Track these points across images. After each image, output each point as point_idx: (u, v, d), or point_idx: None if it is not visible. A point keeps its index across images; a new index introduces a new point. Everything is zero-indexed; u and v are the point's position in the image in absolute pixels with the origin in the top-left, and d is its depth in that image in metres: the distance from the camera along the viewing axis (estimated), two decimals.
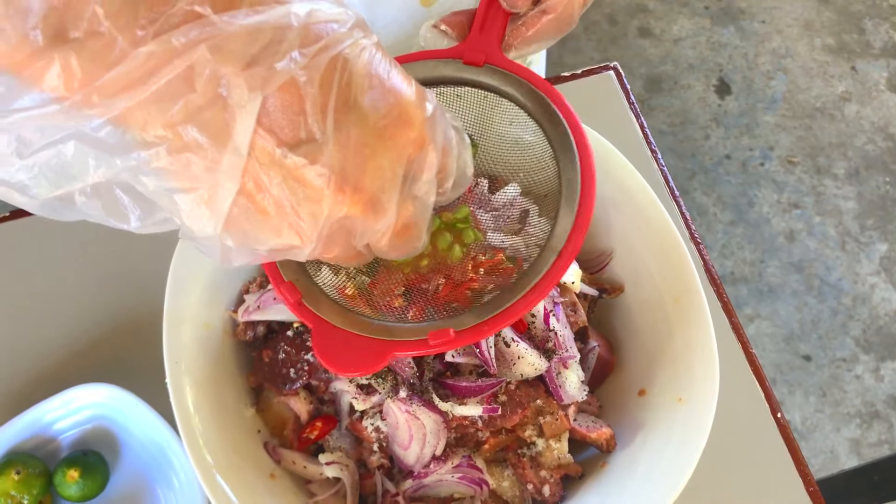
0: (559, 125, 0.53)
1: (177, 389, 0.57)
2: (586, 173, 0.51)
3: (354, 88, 0.33)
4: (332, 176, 0.33)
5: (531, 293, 0.48)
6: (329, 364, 0.46)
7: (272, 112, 0.32)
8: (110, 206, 0.34)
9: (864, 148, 2.22)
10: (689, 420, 0.58)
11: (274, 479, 0.59)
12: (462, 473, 0.58)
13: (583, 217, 0.50)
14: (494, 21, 0.56)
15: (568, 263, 0.49)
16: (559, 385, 0.58)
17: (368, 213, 0.35)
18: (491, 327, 0.47)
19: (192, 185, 0.33)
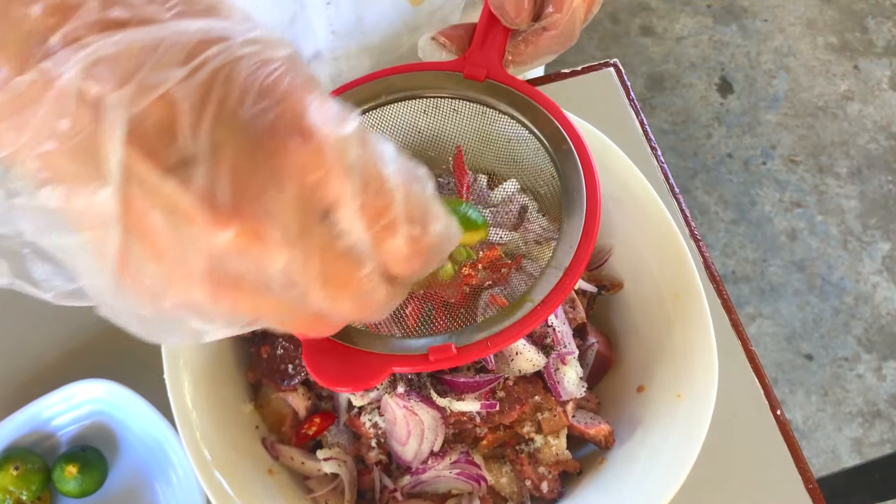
0: (563, 144, 0.53)
1: (175, 385, 0.57)
2: (591, 192, 0.51)
3: (236, 101, 0.29)
4: (204, 200, 0.28)
5: (536, 311, 0.47)
6: (321, 379, 0.44)
7: (147, 132, 0.28)
8: (19, 269, 0.31)
9: (867, 147, 2.22)
10: (688, 417, 0.58)
11: (272, 475, 0.59)
12: (460, 469, 0.58)
13: (588, 236, 0.49)
14: (495, 36, 0.55)
15: (574, 282, 0.48)
16: (557, 381, 0.58)
17: (254, 244, 0.29)
18: (495, 344, 0.47)
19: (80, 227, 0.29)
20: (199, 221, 0.28)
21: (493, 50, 0.55)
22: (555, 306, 0.47)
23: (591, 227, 0.50)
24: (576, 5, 0.53)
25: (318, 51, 0.79)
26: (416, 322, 0.52)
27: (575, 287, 0.64)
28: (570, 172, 0.52)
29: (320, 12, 0.74)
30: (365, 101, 0.56)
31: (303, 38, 0.77)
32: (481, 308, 0.55)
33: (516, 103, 0.55)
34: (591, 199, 0.51)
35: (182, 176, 0.28)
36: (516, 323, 0.47)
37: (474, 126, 0.58)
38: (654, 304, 0.64)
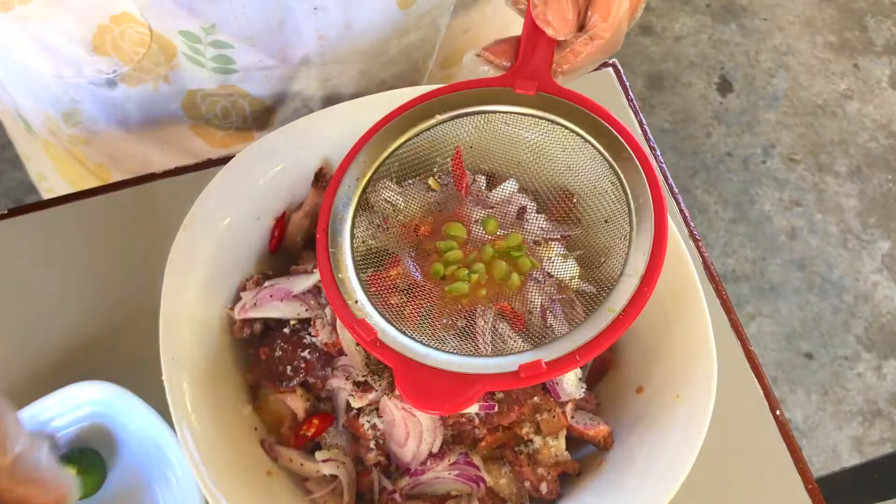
0: (622, 151, 0.54)
1: (173, 387, 0.57)
2: (657, 197, 0.52)
3: None
4: None
5: (620, 320, 0.49)
6: (417, 403, 0.46)
7: None
8: None
9: (866, 145, 2.22)
10: (687, 418, 0.57)
11: (271, 477, 0.59)
12: (459, 471, 0.58)
13: (660, 241, 0.50)
14: (541, 48, 0.55)
15: (653, 287, 0.49)
16: (556, 382, 0.58)
17: None
18: (583, 357, 0.47)
19: None
20: None
21: (541, 62, 0.55)
22: (636, 313, 0.49)
23: (662, 232, 0.51)
24: (622, 14, 0.53)
25: (306, 55, 0.79)
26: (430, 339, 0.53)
27: (574, 288, 0.64)
28: (633, 179, 0.53)
29: (308, 17, 0.74)
30: (420, 119, 0.57)
31: (291, 44, 0.77)
32: (481, 310, 0.55)
33: (570, 113, 0.55)
34: (657, 204, 0.52)
35: None
36: (601, 333, 0.48)
37: (527, 138, 0.59)
38: (652, 304, 0.63)
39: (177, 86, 0.81)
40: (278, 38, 0.76)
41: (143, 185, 0.80)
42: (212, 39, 0.74)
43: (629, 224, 0.52)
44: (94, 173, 0.92)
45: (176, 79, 0.80)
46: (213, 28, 0.73)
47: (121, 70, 0.77)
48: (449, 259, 0.56)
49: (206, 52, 0.76)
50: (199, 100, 0.83)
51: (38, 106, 0.86)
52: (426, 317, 0.54)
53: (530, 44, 0.55)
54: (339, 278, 0.53)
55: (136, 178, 0.80)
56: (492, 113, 0.57)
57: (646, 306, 0.64)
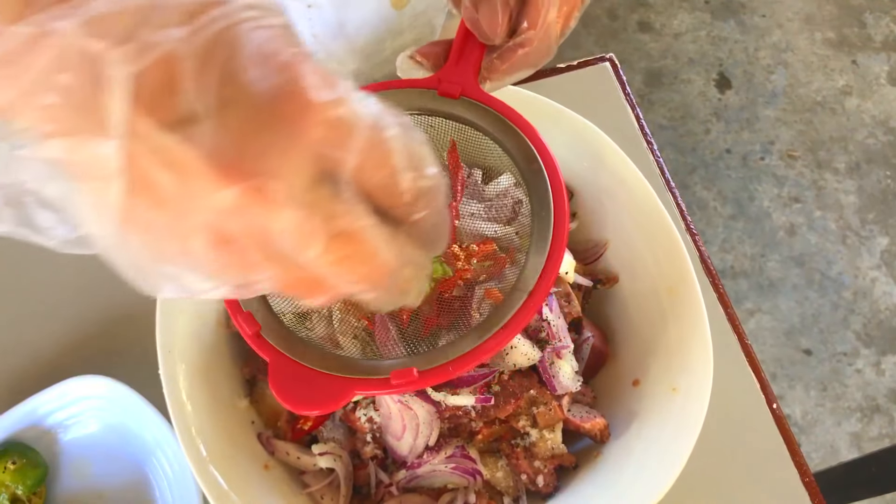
0: (534, 162, 0.52)
1: (170, 381, 0.57)
2: (559, 214, 0.50)
3: (242, 63, 0.29)
4: (211, 156, 0.29)
5: (500, 333, 0.47)
6: (285, 401, 0.45)
7: (151, 89, 0.28)
8: (24, 218, 0.32)
9: (865, 142, 2.22)
10: (684, 410, 0.58)
11: (268, 470, 0.59)
12: (455, 464, 0.58)
13: (554, 259, 0.48)
14: (471, 53, 0.54)
15: (539, 304, 0.47)
16: (553, 375, 0.58)
17: (258, 202, 0.29)
18: (456, 368, 0.46)
19: (82, 179, 0.29)
20: (203, 177, 0.29)
21: (469, 66, 0.54)
22: (517, 330, 0.47)
23: (558, 251, 0.48)
24: (549, 21, 0.52)
25: None
26: (406, 319, 0.52)
27: (571, 281, 0.64)
28: (540, 193, 0.51)
29: (301, 15, 0.74)
30: None
31: None
32: (476, 301, 0.55)
33: (489, 120, 0.54)
34: (558, 223, 0.49)
35: (185, 133, 0.28)
36: (477, 347, 0.46)
37: (448, 143, 0.58)
38: (649, 297, 0.64)
39: None
40: None
41: None
42: None
43: (529, 238, 0.50)
44: None
45: None
46: None
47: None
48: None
49: None
50: None
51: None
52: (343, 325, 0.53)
53: (460, 48, 0.55)
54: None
55: None
56: (415, 114, 0.56)
57: (643, 297, 0.64)
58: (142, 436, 0.66)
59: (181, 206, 0.29)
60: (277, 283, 0.33)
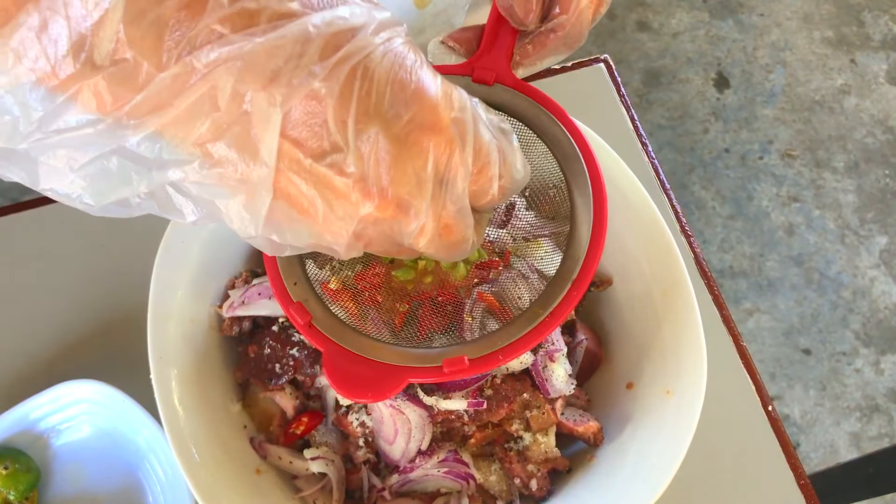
0: (570, 149, 0.53)
1: (161, 385, 0.57)
2: (598, 199, 0.51)
3: (375, 96, 0.34)
4: (356, 183, 0.34)
5: (545, 322, 0.48)
6: (341, 389, 0.46)
7: (296, 125, 0.33)
8: (165, 204, 0.35)
9: (864, 141, 2.21)
10: (678, 413, 0.57)
11: (260, 475, 0.59)
12: (448, 468, 0.58)
13: (596, 245, 0.49)
14: (503, 38, 0.55)
15: (582, 292, 0.48)
16: (546, 379, 0.58)
17: (398, 216, 0.36)
18: (506, 356, 0.47)
19: (230, 193, 0.34)
20: (351, 198, 0.35)
21: (502, 52, 0.55)
22: (562, 318, 0.48)
23: (598, 238, 0.49)
24: (583, 6, 0.53)
25: None
26: (402, 320, 0.52)
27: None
28: (578, 180, 0.52)
29: None
30: None
31: None
32: (469, 305, 0.55)
33: (525, 107, 0.54)
34: (598, 209, 0.51)
35: (331, 161, 0.34)
36: (526, 334, 0.48)
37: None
38: (643, 300, 0.63)
39: None
40: None
41: None
42: None
43: (569, 226, 0.51)
44: None
45: None
46: None
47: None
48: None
49: None
50: None
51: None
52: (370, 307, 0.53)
53: (493, 34, 0.55)
54: (282, 260, 0.52)
55: None
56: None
57: (637, 300, 0.64)
58: (134, 440, 0.66)
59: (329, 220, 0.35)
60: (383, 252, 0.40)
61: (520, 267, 0.58)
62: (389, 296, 0.55)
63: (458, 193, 0.38)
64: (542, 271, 0.58)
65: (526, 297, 0.56)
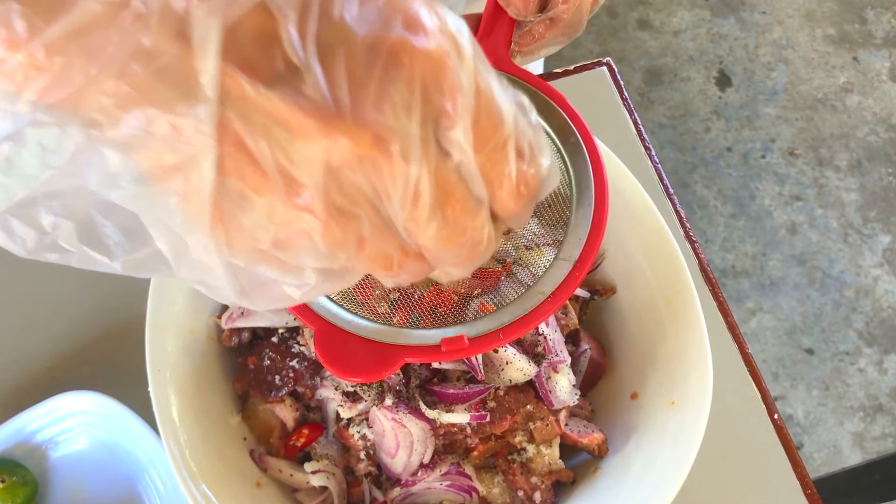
0: (570, 136, 0.53)
1: (160, 397, 0.56)
2: (599, 184, 0.51)
3: (342, 4, 0.26)
4: (321, 109, 0.26)
5: (547, 302, 0.47)
6: (334, 369, 0.44)
7: (243, 43, 0.25)
8: (86, 233, 0.29)
9: (867, 139, 2.20)
10: (683, 424, 0.57)
11: (260, 488, 0.58)
12: (451, 481, 0.57)
13: (597, 227, 0.49)
14: (501, 27, 0.54)
15: (584, 273, 0.48)
16: (549, 390, 0.57)
17: (377, 154, 0.27)
18: (507, 335, 0.46)
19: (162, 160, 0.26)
20: (314, 133, 0.26)
21: (500, 41, 0.54)
22: (565, 298, 0.47)
23: (600, 218, 0.50)
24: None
25: None
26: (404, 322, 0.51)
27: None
28: (579, 164, 0.52)
29: None
30: None
31: None
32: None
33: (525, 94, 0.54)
34: (599, 191, 0.51)
35: (288, 87, 0.25)
36: (527, 315, 0.47)
37: None
38: (647, 308, 0.63)
39: None
40: None
41: None
42: None
43: (570, 209, 0.51)
44: None
45: None
46: None
47: None
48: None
49: None
50: None
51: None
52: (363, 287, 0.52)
53: (491, 22, 0.54)
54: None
55: None
56: None
57: (641, 309, 0.63)
58: (133, 452, 0.65)
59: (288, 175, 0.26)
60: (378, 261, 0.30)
61: (521, 276, 0.57)
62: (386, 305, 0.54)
63: (457, 139, 0.28)
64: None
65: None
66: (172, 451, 0.54)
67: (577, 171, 0.52)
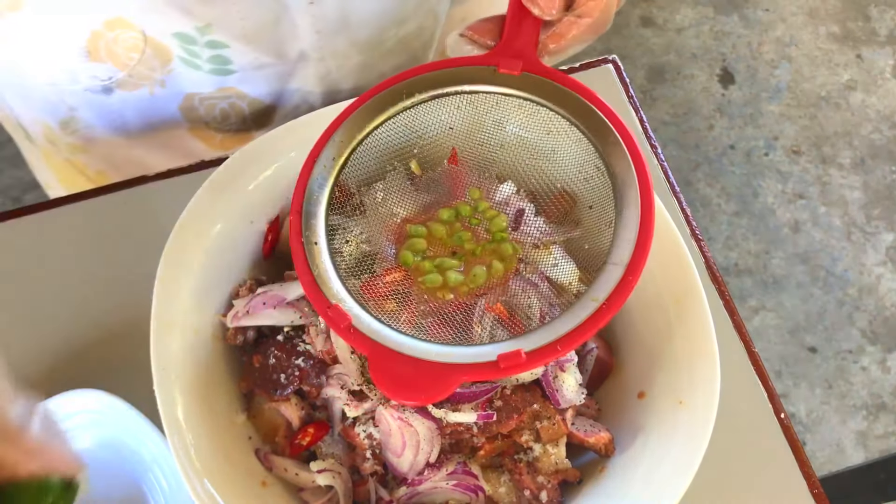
0: (609, 135, 0.52)
1: (165, 396, 0.56)
2: (643, 183, 0.50)
3: None
4: None
5: (602, 310, 0.47)
6: (391, 393, 0.44)
7: None
8: None
9: (870, 137, 2.20)
10: (690, 424, 0.56)
11: (265, 487, 0.58)
12: (457, 480, 0.57)
13: (646, 228, 0.48)
14: (527, 27, 0.54)
15: (638, 277, 0.47)
16: (556, 389, 0.57)
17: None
18: (564, 346, 0.46)
19: None
20: None
21: (527, 42, 0.54)
22: (620, 303, 0.47)
23: (648, 219, 0.49)
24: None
25: (302, 51, 0.77)
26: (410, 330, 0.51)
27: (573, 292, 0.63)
28: (620, 164, 0.51)
29: (304, 12, 0.73)
30: (399, 99, 0.55)
31: (287, 40, 0.76)
32: (478, 315, 0.54)
33: (556, 95, 0.53)
34: (644, 191, 0.50)
35: None
36: (584, 323, 0.46)
37: (511, 120, 0.57)
38: (655, 307, 0.62)
39: (173, 90, 0.80)
40: (274, 34, 0.75)
41: (135, 187, 0.78)
42: (207, 39, 0.73)
43: (614, 211, 0.50)
44: (94, 182, 0.91)
45: (172, 83, 0.79)
46: (208, 28, 0.72)
47: (116, 76, 0.76)
48: (415, 247, 0.55)
49: (202, 53, 0.75)
50: (196, 103, 0.82)
51: (35, 116, 0.85)
52: (404, 304, 0.52)
53: (516, 23, 0.54)
54: (313, 263, 0.51)
55: (127, 180, 0.79)
56: (474, 93, 0.55)
57: (648, 308, 0.63)
58: (138, 451, 0.65)
59: None
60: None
61: (529, 275, 0.57)
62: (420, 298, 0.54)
63: None
64: (553, 279, 0.57)
65: (536, 305, 0.55)
66: (177, 449, 0.54)
67: (619, 172, 0.51)
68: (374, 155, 0.57)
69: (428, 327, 0.52)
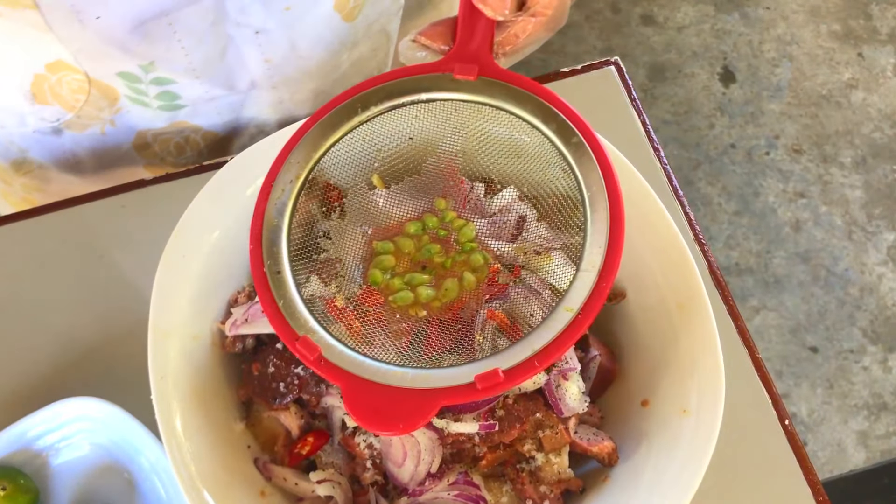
0: (572, 136, 0.50)
1: (162, 405, 0.55)
2: (611, 185, 0.48)
3: None
4: None
5: (578, 320, 0.45)
6: (368, 424, 0.43)
7: None
8: None
9: (871, 136, 2.19)
10: (695, 433, 0.56)
11: (264, 497, 0.57)
12: (459, 490, 0.56)
13: (617, 231, 0.47)
14: (480, 30, 0.52)
15: (611, 282, 0.46)
16: (559, 398, 0.56)
17: None
18: (542, 362, 0.44)
19: None
20: None
21: (482, 44, 0.52)
22: (595, 311, 0.45)
23: (618, 222, 0.47)
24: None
25: (254, 81, 0.76)
26: (409, 342, 0.50)
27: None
28: (586, 166, 0.50)
29: (250, 42, 0.71)
30: (354, 112, 0.54)
31: (236, 71, 0.74)
32: (479, 323, 0.53)
33: (516, 97, 0.52)
34: (612, 193, 0.48)
35: None
36: (559, 336, 0.45)
37: (471, 126, 0.55)
38: (658, 314, 0.61)
39: (125, 128, 0.78)
40: (222, 66, 0.73)
41: (132, 191, 0.77)
42: (152, 77, 0.71)
43: (583, 215, 0.49)
44: None
45: (122, 121, 0.77)
46: (151, 65, 0.70)
47: (64, 118, 0.75)
48: (383, 265, 0.54)
49: (148, 90, 0.73)
50: (150, 139, 0.81)
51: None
52: (376, 326, 0.51)
53: (468, 25, 0.52)
54: (278, 294, 0.49)
55: (125, 184, 0.78)
56: (431, 101, 0.53)
57: (652, 313, 0.62)
58: (136, 459, 0.64)
59: None
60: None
61: (531, 282, 0.56)
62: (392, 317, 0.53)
63: None
64: (555, 286, 0.56)
65: (538, 313, 0.55)
66: (175, 458, 0.54)
67: (586, 174, 0.50)
68: (333, 173, 0.55)
69: (403, 349, 0.50)
